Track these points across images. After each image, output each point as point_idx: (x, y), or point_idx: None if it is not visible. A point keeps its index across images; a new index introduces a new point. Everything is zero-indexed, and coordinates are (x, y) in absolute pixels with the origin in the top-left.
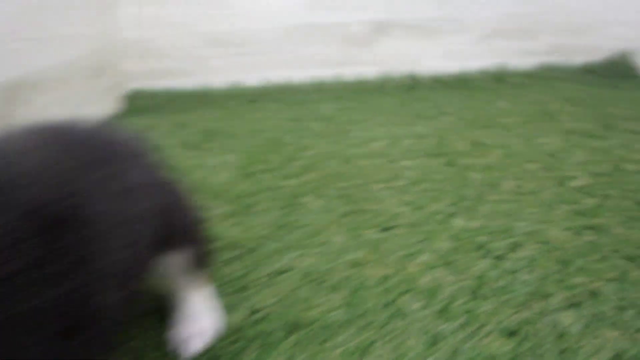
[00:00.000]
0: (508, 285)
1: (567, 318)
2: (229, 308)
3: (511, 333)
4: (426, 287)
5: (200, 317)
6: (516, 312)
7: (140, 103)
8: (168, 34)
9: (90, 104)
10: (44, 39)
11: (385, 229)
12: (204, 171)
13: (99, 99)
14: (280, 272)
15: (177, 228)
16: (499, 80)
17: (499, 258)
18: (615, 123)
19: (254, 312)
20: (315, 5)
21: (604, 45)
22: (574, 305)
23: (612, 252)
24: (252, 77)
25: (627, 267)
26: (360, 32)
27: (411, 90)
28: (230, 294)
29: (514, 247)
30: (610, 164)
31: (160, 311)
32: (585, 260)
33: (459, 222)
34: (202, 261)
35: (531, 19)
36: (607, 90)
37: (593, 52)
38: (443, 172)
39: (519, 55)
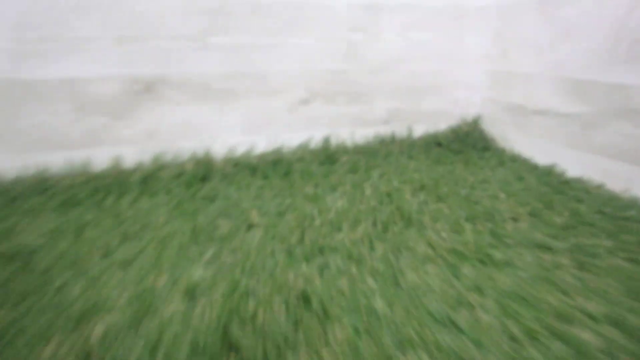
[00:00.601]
0: None
1: None
2: None
3: None
4: None
5: None
6: None
7: None
8: None
9: None
10: None
11: None
12: None
13: None
14: None
15: None
16: (327, 161)
17: None
18: (506, 239)
19: None
20: (28, 52)
21: (448, 111)
22: None
23: None
24: None
25: None
26: (112, 94)
27: (197, 182)
28: None
29: None
30: None
31: None
32: None
33: None
34: None
35: (359, 79)
36: (460, 168)
37: (436, 119)
38: None
39: (349, 124)
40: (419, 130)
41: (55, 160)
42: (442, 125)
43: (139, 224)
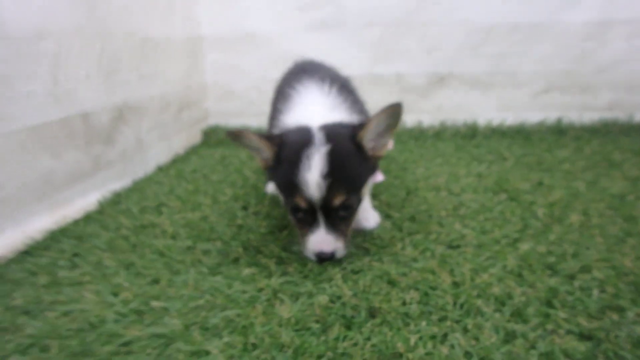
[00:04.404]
0: (581, 299)
1: None
2: None
3: (587, 337)
4: (497, 294)
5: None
6: (591, 320)
7: (217, 137)
8: (242, 79)
9: (176, 132)
10: (146, 74)
11: (452, 247)
12: None
13: (184, 130)
14: (357, 271)
15: None
16: (558, 132)
17: (570, 277)
18: None
19: (336, 297)
20: (380, 58)
21: None
22: None
23: None
24: None
25: None
26: (421, 83)
27: (468, 138)
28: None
29: (584, 269)
30: None
31: None
32: None
33: (525, 246)
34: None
35: (589, 77)
36: None
37: None
38: (506, 206)
39: (577, 111)
40: (638, 117)
41: None
42: None
43: (439, 151)
